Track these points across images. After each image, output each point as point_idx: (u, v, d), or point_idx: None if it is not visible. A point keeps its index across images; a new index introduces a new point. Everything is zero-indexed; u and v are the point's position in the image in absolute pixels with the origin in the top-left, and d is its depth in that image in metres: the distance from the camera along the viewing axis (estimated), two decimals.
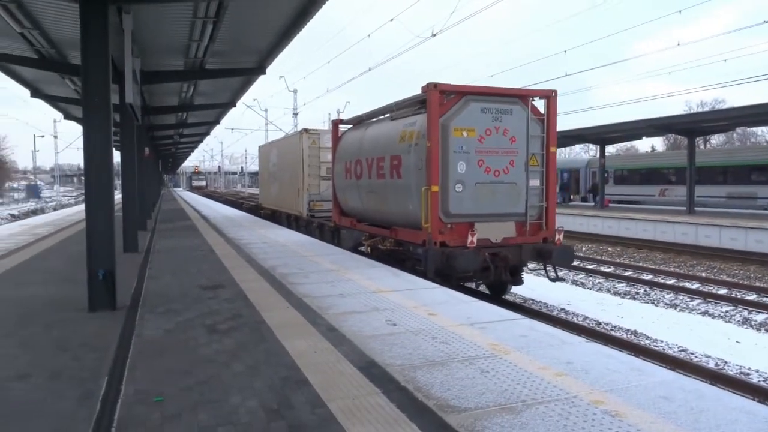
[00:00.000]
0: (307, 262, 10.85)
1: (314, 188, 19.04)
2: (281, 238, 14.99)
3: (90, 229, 7.10)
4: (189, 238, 15.69)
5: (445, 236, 10.45)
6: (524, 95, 11.03)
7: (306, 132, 19.29)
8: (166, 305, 7.27)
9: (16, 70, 15.10)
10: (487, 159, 10.63)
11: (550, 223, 11.14)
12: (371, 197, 13.12)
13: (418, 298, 7.54)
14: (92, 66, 6.95)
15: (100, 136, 7.04)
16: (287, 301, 7.40)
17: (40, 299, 7.74)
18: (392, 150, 11.81)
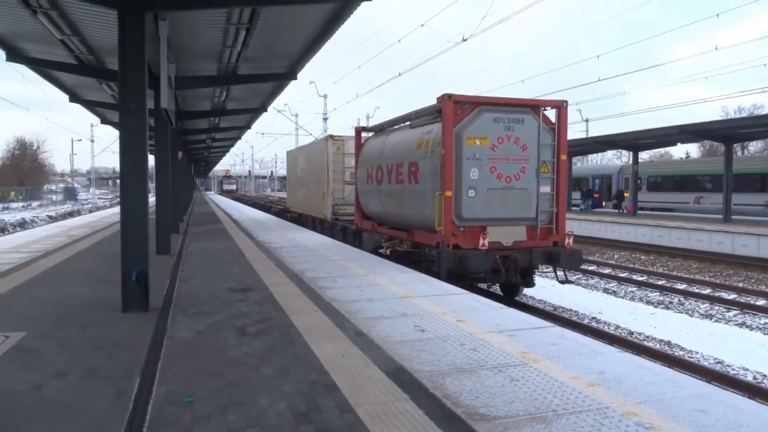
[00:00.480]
0: (336, 266, 10.89)
1: (338, 192, 19.76)
2: (309, 242, 15.08)
3: (124, 231, 7.24)
4: (220, 241, 15.90)
5: (458, 239, 11.02)
6: (535, 105, 11.54)
7: (331, 138, 20.05)
8: (197, 307, 7.37)
9: (56, 76, 15.54)
10: (499, 166, 11.22)
11: (560, 228, 11.64)
12: (390, 201, 13.78)
13: (446, 304, 7.50)
14: (129, 72, 7.10)
15: (135, 140, 7.19)
16: (316, 305, 7.43)
17: (76, 300, 7.92)
18: (410, 157, 12.48)
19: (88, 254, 13.16)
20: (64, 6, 9.34)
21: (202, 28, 10.82)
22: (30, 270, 10.59)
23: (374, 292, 8.23)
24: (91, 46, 11.79)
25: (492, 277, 11.27)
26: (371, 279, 9.38)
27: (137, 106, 7.12)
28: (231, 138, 35.60)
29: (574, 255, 11.45)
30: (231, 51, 12.18)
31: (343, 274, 9.96)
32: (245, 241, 15.84)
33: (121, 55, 7.09)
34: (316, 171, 21.75)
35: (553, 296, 13.85)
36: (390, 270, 10.39)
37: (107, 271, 10.38)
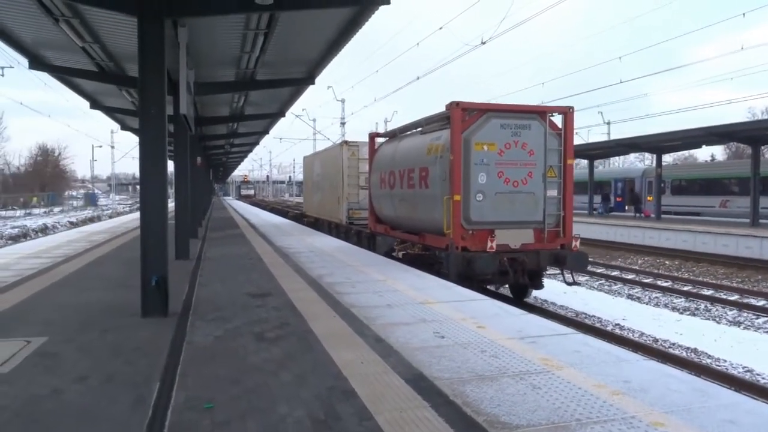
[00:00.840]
0: (354, 271, 10.90)
1: (353, 197, 20.44)
2: (327, 247, 15.12)
3: (144, 236, 7.32)
4: (238, 246, 16.02)
5: (466, 242, 11.56)
6: (542, 111, 12.15)
7: (346, 144, 20.96)
8: (216, 312, 7.42)
9: (77, 83, 15.81)
10: (507, 171, 11.77)
11: (567, 231, 12.12)
12: (403, 205, 14.44)
13: (466, 310, 7.46)
14: (149, 78, 7.19)
15: (155, 146, 7.27)
16: (334, 310, 7.44)
17: (96, 305, 8.02)
18: (421, 162, 13.12)
19: (108, 259, 13.33)
20: (86, 14, 9.50)
21: (220, 34, 10.93)
22: (51, 275, 10.75)
23: (393, 298, 8.22)
24: (111, 53, 11.97)
25: (500, 278, 11.79)
26: (390, 284, 9.37)
27: (157, 112, 7.20)
28: (249, 143, 35.91)
29: (580, 257, 11.97)
30: (249, 56, 12.29)
31: (361, 279, 9.97)
32: (263, 246, 15.93)
33: (141, 62, 7.18)
34: (331, 176, 22.53)
35: (575, 302, 13.69)
36: (409, 275, 10.39)
37: (127, 276, 10.50)
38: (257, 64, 12.89)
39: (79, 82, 15.48)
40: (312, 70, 14.31)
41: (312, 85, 15.11)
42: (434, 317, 7.03)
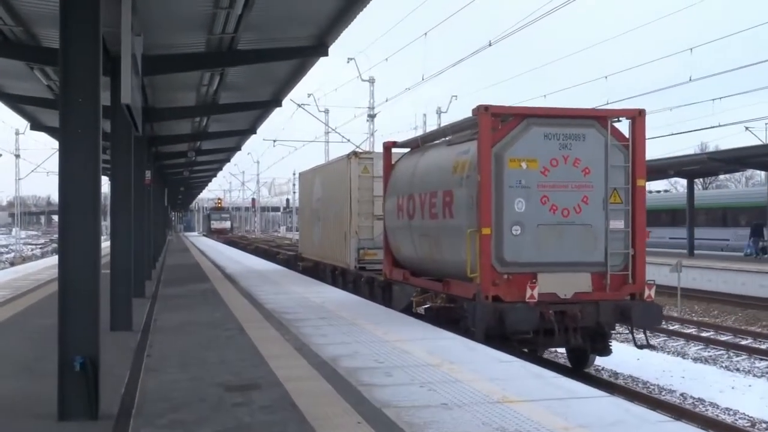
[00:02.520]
0: (389, 348, 10.88)
1: (365, 231, 21.54)
2: (345, 310, 15.11)
3: (63, 295, 7.38)
4: (207, 308, 16.11)
5: (499, 289, 12.64)
6: (602, 116, 13.44)
7: (356, 156, 22.21)
8: (172, 414, 7.41)
9: None
10: (553, 195, 12.90)
11: (638, 275, 13.23)
12: (424, 242, 15.80)
13: (572, 414, 7.34)
14: (75, 48, 7.35)
15: (83, 154, 7.37)
16: (358, 413, 7.38)
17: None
18: (445, 184, 14.43)
19: (9, 329, 13.51)
20: None
21: None
22: None
23: (452, 393, 8.14)
24: (19, 13, 12.33)
25: (543, 339, 12.91)
26: (447, 371, 9.31)
27: (86, 102, 7.32)
28: (226, 149, 36.50)
29: (651, 309, 13.08)
30: (228, 14, 12.53)
31: (400, 361, 9.93)
32: (246, 308, 16.00)
33: (63, 24, 7.35)
34: (335, 202, 23.80)
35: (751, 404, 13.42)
36: (479, 358, 10.35)
37: (36, 355, 10.57)
38: (239, 25, 13.12)
39: None
40: (323, 35, 14.51)
41: (324, 57, 15.31)
42: (519, 425, 6.92)
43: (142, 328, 13.44)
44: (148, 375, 9.37)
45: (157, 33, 13.40)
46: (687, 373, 15.83)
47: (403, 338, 11.89)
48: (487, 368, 9.54)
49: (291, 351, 10.87)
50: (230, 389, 8.48)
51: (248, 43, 14.56)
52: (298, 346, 11.22)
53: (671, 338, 20.26)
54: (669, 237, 45.54)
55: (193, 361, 10.19)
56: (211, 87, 19.00)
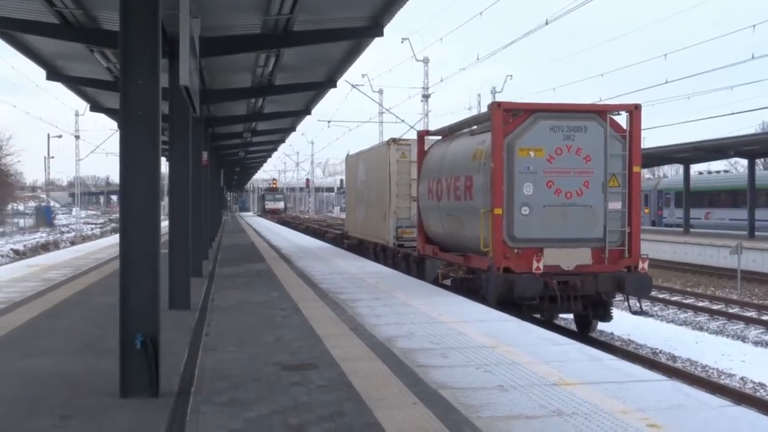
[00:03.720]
0: (445, 329, 10.92)
1: (403, 212, 23.74)
2: (402, 291, 15.15)
3: (125, 274, 7.52)
4: (263, 288, 16.29)
5: (510, 261, 14.64)
6: (601, 111, 15.42)
7: (394, 142, 24.36)
8: (230, 393, 7.53)
9: (29, 42, 16.62)
10: (557, 180, 14.80)
11: (633, 250, 15.13)
12: (450, 221, 17.99)
13: (629, 396, 7.31)
14: (135, 30, 7.43)
15: (143, 135, 7.49)
16: (414, 393, 7.42)
17: (53, 377, 8.29)
18: (466, 169, 16.50)
19: (70, 307, 13.82)
20: None
21: None
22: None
23: (509, 375, 8.16)
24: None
25: (549, 305, 14.87)
26: (502, 353, 9.33)
27: (146, 84, 7.42)
28: (281, 129, 36.65)
29: (642, 280, 14.96)
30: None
31: (456, 343, 9.96)
32: (302, 288, 16.13)
33: (124, 7, 7.43)
34: (376, 185, 26.03)
35: None
36: (535, 340, 10.35)
37: (99, 333, 10.83)
38: (294, 7, 13.16)
39: (31, 40, 16.26)
40: (378, 15, 14.47)
41: (378, 38, 15.28)
42: (576, 408, 6.90)
43: (200, 307, 13.64)
44: (206, 353, 9.52)
45: (214, 15, 13.49)
46: (747, 357, 15.62)
47: (459, 320, 11.91)
48: (544, 350, 9.55)
49: (346, 331, 10.97)
50: (287, 368, 8.58)
51: (303, 24, 14.59)
52: (354, 326, 11.31)
53: (731, 321, 19.96)
54: (729, 218, 44.94)
55: (250, 340, 10.33)
56: (267, 68, 19.10)
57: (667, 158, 44.03)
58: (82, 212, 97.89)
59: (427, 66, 58.37)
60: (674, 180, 58.14)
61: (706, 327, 19.06)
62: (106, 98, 25.00)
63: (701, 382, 12.86)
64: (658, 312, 21.07)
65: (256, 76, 20.35)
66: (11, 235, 61.06)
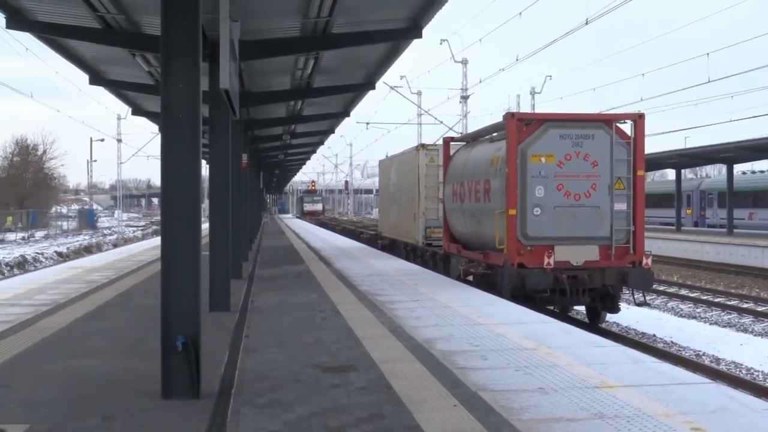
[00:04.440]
0: (485, 331, 10.89)
1: (432, 213, 25.16)
2: (441, 293, 15.13)
3: (166, 276, 7.61)
4: (302, 290, 16.37)
5: (523, 258, 16.08)
6: (608, 119, 17.03)
7: (423, 148, 26.07)
8: (270, 394, 7.58)
9: (72, 47, 16.88)
10: (567, 183, 16.18)
11: (638, 247, 16.49)
12: (471, 221, 19.58)
13: (672, 399, 7.24)
14: (176, 34, 7.51)
15: (184, 138, 7.56)
16: (453, 395, 7.43)
17: (97, 378, 8.42)
18: (485, 173, 18.02)
19: (112, 309, 14.01)
20: None
21: None
22: (33, 332, 11.43)
23: (549, 377, 8.13)
24: (121, 1, 12.69)
25: (559, 298, 16.30)
26: (543, 355, 9.30)
27: (187, 86, 7.50)
28: (319, 132, 36.81)
29: (644, 274, 16.36)
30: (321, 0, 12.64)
31: (496, 345, 9.93)
32: (341, 290, 16.18)
33: (165, 11, 7.52)
34: (407, 187, 27.83)
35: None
36: (576, 342, 10.31)
37: (140, 335, 10.98)
38: (333, 10, 13.20)
39: (74, 45, 16.51)
40: (417, 17, 14.48)
41: (417, 39, 15.28)
42: (618, 411, 6.85)
43: (240, 309, 13.74)
44: (246, 355, 9.59)
45: (254, 18, 13.59)
46: None
47: (498, 322, 11.87)
48: (585, 353, 9.49)
49: (385, 332, 10.99)
50: (326, 370, 8.62)
51: (342, 27, 14.64)
52: (393, 328, 11.32)
53: None
54: None
55: (290, 342, 10.38)
56: (306, 71, 19.20)
57: (710, 158, 43.63)
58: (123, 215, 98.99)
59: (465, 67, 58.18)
60: (717, 180, 57.61)
61: (750, 329, 18.72)
62: (147, 102, 25.31)
63: (746, 385, 12.65)
64: (701, 314, 20.79)
65: (295, 79, 20.46)
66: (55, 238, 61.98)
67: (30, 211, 75.60)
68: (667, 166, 49.71)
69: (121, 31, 14.24)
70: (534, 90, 59.01)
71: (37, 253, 40.25)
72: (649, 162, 46.65)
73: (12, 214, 72.25)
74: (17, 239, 58.20)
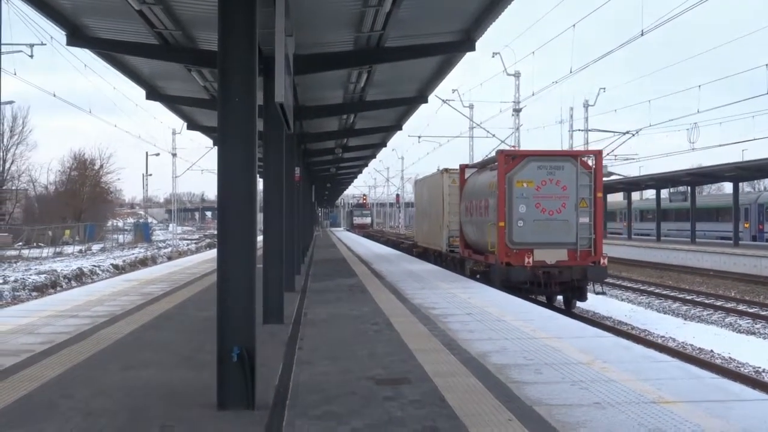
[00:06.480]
0: (538, 345, 10.88)
1: (454, 224, 30.29)
2: (492, 303, 15.07)
3: (222, 289, 7.71)
4: (355, 303, 16.44)
5: (510, 258, 21.48)
6: (574, 155, 23.64)
7: (446, 171, 32.11)
8: (324, 406, 7.63)
9: (130, 63, 17.21)
10: (543, 202, 21.55)
11: (598, 250, 21.94)
12: (477, 231, 25.33)
13: (733, 416, 7.14)
14: (233, 49, 7.64)
15: (240, 152, 7.67)
16: (508, 408, 7.41)
17: (153, 388, 8.55)
18: (486, 194, 23.74)
19: (168, 321, 14.19)
20: None
21: None
22: (91, 343, 11.65)
23: (605, 392, 8.07)
24: (179, 17, 12.91)
25: (537, 289, 21.60)
26: (599, 369, 9.24)
27: (244, 100, 7.60)
28: (371, 145, 36.93)
29: (599, 270, 21.88)
30: (376, 12, 12.70)
31: (551, 359, 9.90)
32: (392, 303, 16.22)
33: (222, 25, 7.64)
34: (435, 204, 33.69)
35: None
36: (633, 357, 10.23)
37: (196, 346, 11.11)
38: (387, 22, 13.25)
39: (132, 61, 16.83)
40: (469, 30, 14.49)
41: (470, 52, 15.29)
42: (676, 427, 6.78)
43: (293, 321, 13.82)
44: (300, 367, 9.65)
45: (308, 32, 13.70)
46: None
47: (553, 335, 11.81)
48: (642, 367, 9.41)
49: (438, 346, 10.99)
50: (380, 382, 8.65)
51: (395, 40, 14.68)
52: (446, 341, 11.32)
53: None
54: None
55: (343, 354, 10.43)
56: (359, 84, 19.30)
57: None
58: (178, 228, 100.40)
59: (518, 80, 58.02)
60: None
61: None
62: (202, 116, 25.64)
63: None
64: (761, 330, 20.35)
65: (348, 92, 20.58)
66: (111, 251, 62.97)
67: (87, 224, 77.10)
68: (725, 179, 48.72)
69: (178, 46, 14.46)
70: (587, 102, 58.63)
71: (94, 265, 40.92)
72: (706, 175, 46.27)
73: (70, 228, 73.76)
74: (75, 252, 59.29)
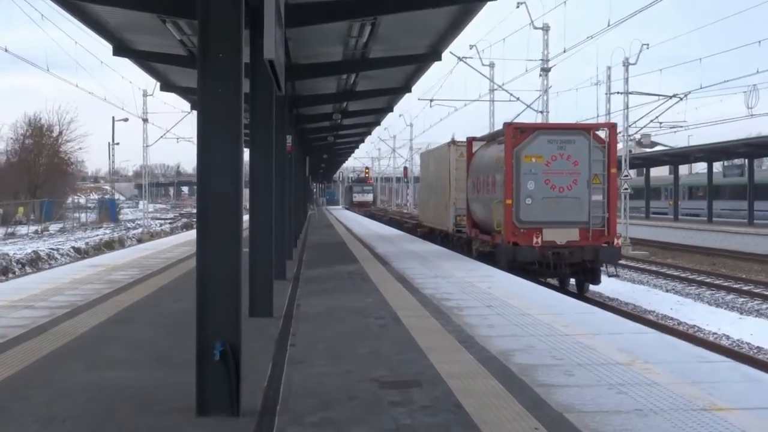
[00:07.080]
0: (570, 343, 10.86)
1: (461, 202, 31.52)
2: (516, 298, 15.04)
3: (203, 277, 7.66)
4: (356, 293, 16.45)
5: (517, 237, 22.82)
6: (587, 128, 24.62)
7: (454, 144, 33.57)
8: (321, 412, 7.61)
9: (94, 13, 17.09)
10: (553, 178, 22.78)
11: (611, 230, 23.33)
12: (484, 209, 26.62)
13: None
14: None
15: (224, 119, 7.63)
16: (534, 416, 7.40)
17: (122, 390, 8.54)
18: (493, 170, 25.04)
19: (139, 313, 14.19)
20: None
21: None
22: (49, 339, 11.61)
23: (647, 397, 8.05)
24: None
25: (546, 271, 22.89)
26: (639, 371, 9.22)
27: (228, 57, 7.54)
28: (375, 110, 36.85)
29: (612, 251, 23.20)
30: None
31: (584, 358, 9.88)
32: (400, 293, 16.21)
33: None
34: (441, 179, 35.21)
35: None
36: (679, 357, 10.20)
37: (171, 342, 11.11)
38: None
39: (97, 10, 16.70)
40: None
41: (491, 1, 15.20)
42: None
43: (284, 314, 13.80)
44: (292, 367, 9.64)
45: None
46: None
47: (587, 332, 11.78)
48: (690, 369, 9.36)
49: (454, 343, 10.97)
50: (385, 385, 8.62)
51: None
52: (462, 338, 11.30)
53: None
54: None
55: (342, 353, 10.41)
56: (361, 39, 19.17)
57: None
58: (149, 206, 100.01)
59: (547, 34, 57.32)
60: None
61: None
62: (179, 75, 25.56)
63: None
64: None
65: (349, 49, 20.47)
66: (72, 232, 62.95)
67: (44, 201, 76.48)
68: None
69: None
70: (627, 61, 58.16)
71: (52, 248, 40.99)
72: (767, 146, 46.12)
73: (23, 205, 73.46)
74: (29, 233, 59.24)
